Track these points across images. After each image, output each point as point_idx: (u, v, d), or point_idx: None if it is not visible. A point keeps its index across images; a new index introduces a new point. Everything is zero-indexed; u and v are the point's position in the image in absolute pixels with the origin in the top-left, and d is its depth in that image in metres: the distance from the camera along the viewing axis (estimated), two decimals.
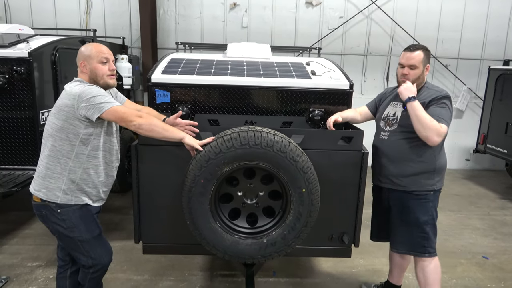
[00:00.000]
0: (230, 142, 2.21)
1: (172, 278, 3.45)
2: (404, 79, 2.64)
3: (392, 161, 2.69)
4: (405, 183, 2.65)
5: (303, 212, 2.33)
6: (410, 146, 2.62)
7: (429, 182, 2.65)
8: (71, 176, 2.27)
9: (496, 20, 7.20)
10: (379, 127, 2.84)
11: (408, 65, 2.63)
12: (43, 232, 4.16)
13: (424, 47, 2.64)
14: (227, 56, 3.56)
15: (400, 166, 2.65)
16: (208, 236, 2.35)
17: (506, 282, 3.59)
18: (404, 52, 2.67)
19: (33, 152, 3.83)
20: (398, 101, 2.75)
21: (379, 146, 2.78)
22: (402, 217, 2.73)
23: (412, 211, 2.68)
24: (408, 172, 2.64)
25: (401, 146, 2.65)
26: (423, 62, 2.63)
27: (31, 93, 3.78)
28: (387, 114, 2.80)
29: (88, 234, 2.36)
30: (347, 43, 7.24)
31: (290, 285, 3.38)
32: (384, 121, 2.80)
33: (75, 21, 6.93)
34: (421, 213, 2.67)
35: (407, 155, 2.63)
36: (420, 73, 2.64)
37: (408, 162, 2.63)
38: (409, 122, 2.56)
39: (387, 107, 2.83)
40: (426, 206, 2.68)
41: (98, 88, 2.26)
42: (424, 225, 2.68)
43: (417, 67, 2.61)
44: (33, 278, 3.39)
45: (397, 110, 2.74)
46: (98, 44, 2.41)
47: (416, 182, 2.64)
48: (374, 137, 2.86)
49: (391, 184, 2.72)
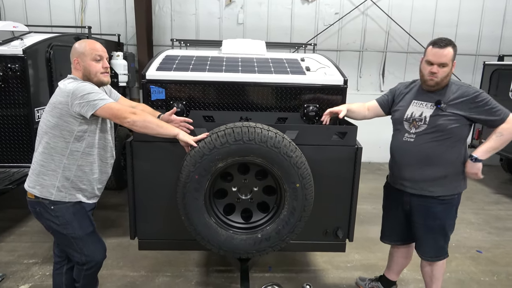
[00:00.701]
0: (224, 137, 2.22)
1: (169, 274, 3.46)
2: (432, 78, 2.45)
3: (419, 165, 2.52)
4: (433, 188, 2.53)
5: (297, 207, 2.35)
6: (440, 149, 2.47)
7: (456, 184, 2.56)
8: (66, 173, 2.28)
9: (491, 15, 7.23)
10: (401, 128, 2.62)
11: (439, 63, 2.42)
12: (39, 230, 4.16)
13: (452, 42, 2.45)
14: (222, 53, 3.56)
15: (429, 170, 2.51)
16: (203, 232, 2.37)
17: (499, 275, 3.63)
18: (432, 47, 2.44)
19: (28, 149, 3.83)
20: (422, 100, 2.57)
21: (403, 149, 2.58)
22: (427, 223, 2.61)
23: (438, 217, 2.58)
24: (437, 176, 2.51)
25: (430, 148, 2.49)
26: (452, 59, 2.45)
27: (26, 91, 3.77)
28: (411, 114, 2.58)
29: (81, 231, 2.36)
30: (343, 39, 7.25)
31: (285, 280, 3.40)
32: (408, 122, 2.58)
33: (70, 18, 6.90)
34: (447, 218, 2.60)
35: (437, 158, 2.49)
36: (449, 71, 2.46)
37: (437, 165, 2.49)
38: (439, 122, 2.44)
39: (409, 107, 2.61)
40: (451, 210, 2.60)
41: (92, 85, 2.26)
42: (447, 230, 2.63)
43: (447, 65, 2.42)
44: (29, 275, 3.40)
45: (423, 110, 2.53)
46: (92, 41, 2.40)
47: (443, 187, 2.53)
48: (395, 139, 2.68)
49: (416, 189, 2.58)
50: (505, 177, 6.78)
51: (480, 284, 3.48)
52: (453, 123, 2.44)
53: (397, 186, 2.70)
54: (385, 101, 2.85)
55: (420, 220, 2.64)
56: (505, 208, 5.39)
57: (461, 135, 2.49)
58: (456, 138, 2.47)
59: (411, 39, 7.16)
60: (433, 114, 2.49)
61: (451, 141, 2.46)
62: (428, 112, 2.51)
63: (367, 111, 2.89)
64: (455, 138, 2.47)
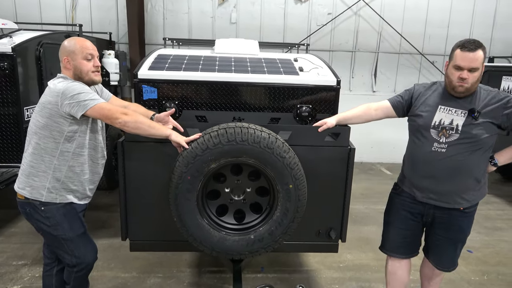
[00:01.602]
0: (217, 138, 2.21)
1: (160, 275, 3.44)
2: (462, 84, 2.24)
3: (450, 177, 2.34)
4: (462, 201, 2.38)
5: (290, 208, 2.34)
6: (472, 159, 2.31)
7: (478, 193, 2.42)
8: (56, 174, 2.25)
9: (482, 17, 7.31)
10: (428, 136, 2.38)
11: (469, 68, 2.20)
12: (29, 231, 4.10)
13: (482, 44, 2.23)
14: (215, 52, 3.54)
15: (460, 182, 2.34)
16: (196, 233, 2.35)
17: (489, 275, 3.67)
18: (462, 51, 2.20)
19: (17, 149, 3.77)
20: (450, 106, 2.35)
21: (432, 159, 2.36)
22: (449, 235, 2.49)
23: (463, 230, 2.47)
24: (468, 188, 2.37)
25: (464, 159, 2.30)
26: (483, 62, 2.24)
27: (15, 89, 3.71)
28: (440, 121, 2.35)
29: (72, 232, 2.33)
30: (335, 39, 7.27)
31: (278, 281, 3.40)
32: (436, 129, 2.35)
33: (60, 16, 6.81)
34: (468, 229, 2.50)
35: (469, 169, 2.33)
36: (479, 76, 2.26)
37: (469, 176, 2.34)
38: (474, 132, 2.26)
39: (436, 113, 2.38)
40: (472, 221, 2.49)
41: (82, 85, 2.22)
42: (465, 240, 2.54)
43: (478, 69, 2.22)
44: (19, 277, 3.35)
45: (453, 118, 2.32)
46: (82, 39, 2.35)
47: (469, 198, 2.39)
48: (419, 148, 2.42)
49: (442, 201, 2.40)
50: (495, 177, 6.86)
51: (471, 283, 3.52)
52: (486, 133, 2.27)
53: (418, 198, 2.48)
54: (399, 102, 2.59)
55: (442, 233, 2.50)
56: (495, 208, 5.45)
57: (491, 144, 2.35)
58: (487, 147, 2.33)
59: (403, 40, 7.21)
60: (466, 123, 2.29)
61: (482, 151, 2.32)
62: (460, 120, 2.30)
63: (374, 111, 2.65)
64: (486, 147, 2.32)
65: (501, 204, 5.62)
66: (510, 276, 3.67)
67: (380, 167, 7.33)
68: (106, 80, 5.46)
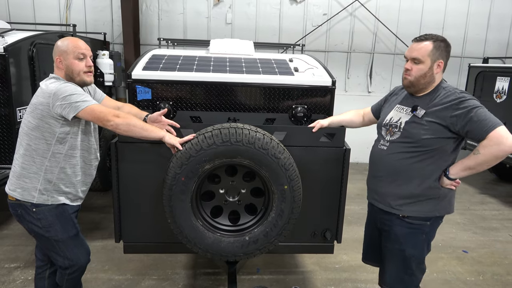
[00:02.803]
0: (211, 139, 2.19)
1: (155, 277, 3.41)
2: (406, 75, 2.18)
3: (388, 177, 2.23)
4: (399, 206, 2.20)
5: (285, 209, 2.32)
6: (412, 162, 2.14)
7: (429, 207, 2.17)
8: (48, 175, 2.21)
9: (476, 19, 7.34)
10: (379, 134, 2.36)
11: (410, 58, 2.15)
12: (21, 233, 4.05)
13: (436, 38, 2.13)
14: (209, 53, 3.52)
15: (397, 185, 2.19)
16: (190, 235, 2.33)
17: (484, 275, 3.67)
18: (412, 42, 2.20)
19: (9, 150, 3.72)
20: (404, 105, 2.26)
21: (376, 157, 2.33)
22: (387, 244, 2.31)
23: (399, 241, 2.23)
24: (405, 193, 2.18)
25: (401, 160, 2.16)
26: (430, 56, 2.10)
27: (7, 90, 3.66)
28: (390, 119, 2.29)
29: (64, 234, 2.30)
30: (331, 40, 7.27)
31: (274, 282, 3.38)
32: (385, 127, 2.30)
33: (54, 16, 6.76)
34: (411, 246, 2.22)
35: (407, 172, 2.16)
36: (427, 70, 2.11)
37: (407, 180, 2.16)
38: (413, 131, 2.12)
39: (391, 111, 2.33)
40: (417, 238, 2.22)
41: (74, 86, 2.19)
42: (410, 260, 2.23)
43: (422, 62, 2.11)
44: (11, 280, 3.30)
45: (401, 116, 2.22)
46: (75, 38, 2.32)
47: (412, 207, 2.18)
48: (373, 146, 2.40)
49: (383, 204, 2.28)
50: (490, 177, 6.89)
51: (466, 283, 3.52)
52: (428, 134, 2.08)
53: (369, 200, 2.43)
54: (377, 105, 2.59)
55: (384, 242, 2.34)
56: (490, 208, 5.47)
57: (440, 149, 2.10)
58: (433, 152, 2.10)
59: (398, 40, 7.23)
60: (409, 121, 2.16)
61: (427, 155, 2.11)
62: (405, 119, 2.19)
63: (363, 117, 2.67)
64: (432, 153, 2.10)
65: (496, 204, 5.64)
66: (505, 276, 3.68)
67: None
68: (101, 81, 5.42)
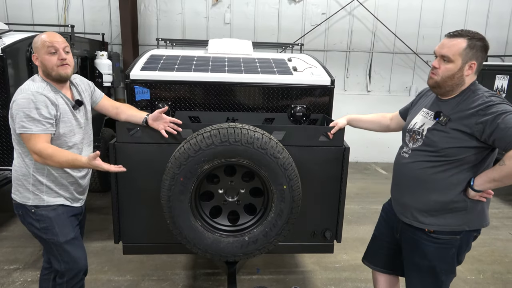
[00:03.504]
0: (210, 139, 2.18)
1: (155, 278, 3.40)
2: (432, 75, 1.96)
3: (410, 187, 2.06)
4: (425, 219, 2.02)
5: (284, 209, 2.32)
6: (434, 172, 1.95)
7: (453, 221, 1.98)
8: (37, 177, 2.19)
9: (475, 17, 7.33)
10: (403, 140, 2.19)
11: (440, 55, 1.92)
12: (20, 234, 4.05)
13: (473, 35, 1.87)
14: (208, 52, 3.51)
15: (420, 195, 2.02)
16: (189, 235, 2.32)
17: (485, 273, 3.67)
18: (444, 37, 1.96)
19: (7, 152, 3.71)
20: (430, 109, 2.05)
21: (398, 165, 2.17)
22: (414, 259, 2.12)
23: (428, 257, 2.05)
24: (429, 205, 2.00)
25: (423, 170, 1.98)
26: (462, 56, 1.86)
27: (5, 91, 3.65)
28: (414, 124, 2.10)
29: (62, 237, 2.26)
30: (329, 39, 7.26)
31: (274, 282, 3.38)
32: (409, 134, 2.12)
33: (52, 17, 6.75)
34: (440, 261, 2.04)
35: (430, 182, 1.97)
36: (456, 71, 1.88)
37: (430, 191, 1.98)
38: (436, 139, 1.93)
39: (417, 115, 2.13)
40: (447, 252, 2.03)
41: (34, 104, 2.06)
42: (439, 274, 2.06)
43: (452, 61, 1.88)
44: (10, 282, 3.29)
45: (425, 122, 2.03)
46: (48, 33, 2.19)
47: (438, 219, 1.99)
48: (397, 152, 2.22)
49: (406, 216, 2.10)
50: None
51: (467, 282, 3.51)
52: (451, 142, 1.89)
53: (394, 209, 2.25)
54: (405, 107, 2.38)
55: (407, 254, 2.18)
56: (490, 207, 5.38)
57: (466, 160, 1.90)
58: (458, 162, 1.91)
59: (397, 39, 7.22)
60: (431, 128, 1.98)
61: (451, 165, 1.92)
62: (428, 125, 2.01)
63: (389, 120, 2.49)
64: (457, 163, 1.91)
65: (496, 202, 5.64)
66: (506, 274, 3.68)
67: (375, 167, 7.33)
68: (99, 82, 5.41)
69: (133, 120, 2.41)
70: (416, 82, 7.48)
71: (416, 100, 2.29)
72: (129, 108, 2.53)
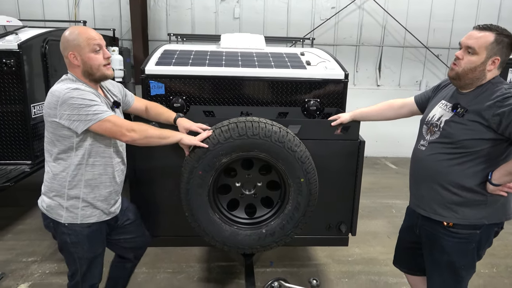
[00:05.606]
0: (228, 132, 2.20)
1: (170, 270, 3.45)
2: (453, 66, 1.93)
3: (427, 179, 2.06)
4: (444, 212, 2.00)
5: (301, 202, 2.33)
6: (451, 164, 1.94)
7: (472, 214, 1.95)
8: (73, 192, 2.02)
9: (487, 10, 7.25)
10: (420, 132, 2.17)
11: (465, 46, 1.89)
12: (37, 227, 4.12)
13: (501, 31, 1.86)
14: (221, 47, 3.53)
15: (437, 188, 2.01)
16: (207, 228, 2.35)
17: (498, 267, 3.67)
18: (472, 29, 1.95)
19: (25, 146, 3.77)
20: (448, 101, 2.03)
21: (415, 158, 2.16)
22: (433, 255, 2.11)
23: (446, 251, 2.03)
24: (446, 198, 1.99)
25: (440, 162, 1.98)
26: (488, 50, 1.84)
27: (22, 86, 3.71)
28: (432, 117, 2.09)
29: (90, 253, 2.13)
30: (339, 33, 7.23)
31: (287, 274, 3.40)
32: (427, 125, 2.11)
33: (63, 13, 6.80)
34: (460, 256, 2.02)
35: (447, 174, 1.97)
36: (478, 64, 1.86)
37: (447, 184, 1.97)
38: (453, 131, 1.92)
39: (435, 107, 2.12)
40: (466, 247, 2.00)
41: (86, 93, 1.92)
42: (459, 269, 2.04)
43: (476, 53, 1.85)
44: (29, 274, 3.36)
45: (443, 114, 2.02)
46: (84, 28, 2.02)
47: (454, 213, 1.98)
48: (414, 145, 2.21)
49: (424, 209, 2.09)
50: None
51: (480, 276, 3.51)
52: (468, 134, 1.88)
53: (411, 206, 2.24)
54: (423, 97, 2.33)
55: (426, 250, 2.16)
56: None
57: (484, 152, 1.88)
58: (476, 154, 1.89)
59: (407, 33, 7.17)
60: (449, 120, 1.97)
61: (468, 158, 1.91)
62: (446, 117, 2.00)
63: (398, 108, 2.44)
64: (474, 155, 1.89)
65: None
66: None
67: (385, 161, 7.32)
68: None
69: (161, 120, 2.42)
70: (426, 76, 7.42)
71: (435, 91, 2.27)
72: (156, 106, 2.49)
